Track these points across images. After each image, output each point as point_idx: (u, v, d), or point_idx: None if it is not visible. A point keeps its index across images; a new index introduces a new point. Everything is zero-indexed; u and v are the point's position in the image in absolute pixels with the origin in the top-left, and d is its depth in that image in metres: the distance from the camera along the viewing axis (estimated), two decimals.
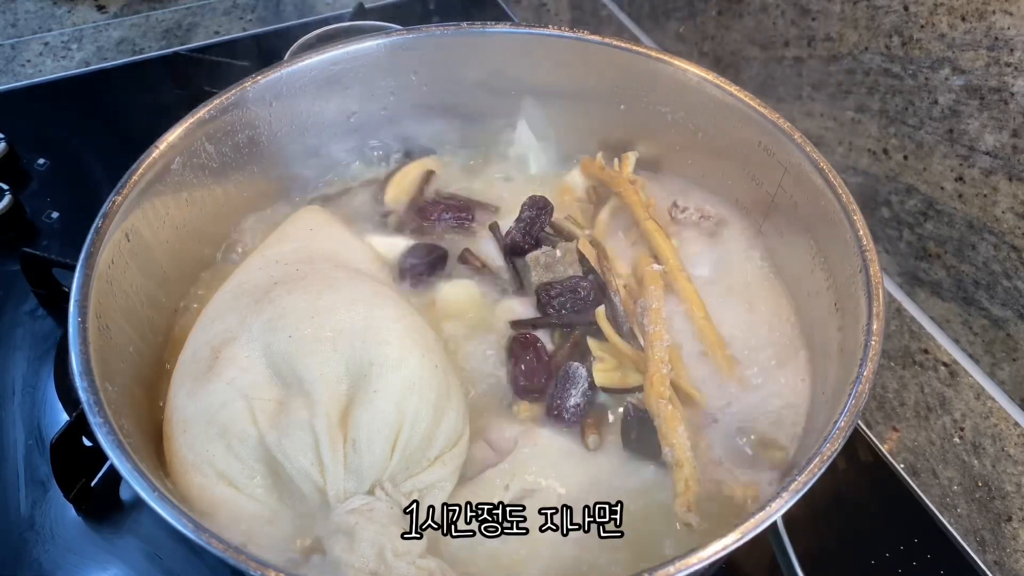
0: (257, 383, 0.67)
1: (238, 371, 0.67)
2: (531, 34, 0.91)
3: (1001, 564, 0.82)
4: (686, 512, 0.64)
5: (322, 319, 0.68)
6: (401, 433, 0.64)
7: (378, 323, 0.68)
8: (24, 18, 1.44)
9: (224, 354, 0.68)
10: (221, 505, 0.64)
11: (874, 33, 0.91)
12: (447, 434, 0.67)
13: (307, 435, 0.63)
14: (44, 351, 0.95)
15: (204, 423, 0.66)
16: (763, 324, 0.83)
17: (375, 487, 0.63)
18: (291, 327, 0.67)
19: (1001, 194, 0.83)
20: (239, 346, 0.68)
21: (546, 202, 0.87)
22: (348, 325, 0.68)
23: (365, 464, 0.63)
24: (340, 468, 0.63)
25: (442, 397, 0.67)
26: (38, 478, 0.83)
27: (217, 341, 0.70)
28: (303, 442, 0.63)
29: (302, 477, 0.63)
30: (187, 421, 0.66)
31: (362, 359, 0.66)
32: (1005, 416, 0.87)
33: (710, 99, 0.84)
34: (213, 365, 0.68)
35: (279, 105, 0.86)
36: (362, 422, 0.63)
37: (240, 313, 0.71)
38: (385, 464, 0.64)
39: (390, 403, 0.64)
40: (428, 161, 0.98)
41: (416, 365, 0.67)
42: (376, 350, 0.66)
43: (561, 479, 0.69)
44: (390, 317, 0.70)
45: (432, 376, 0.67)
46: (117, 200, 0.71)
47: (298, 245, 0.82)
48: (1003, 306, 0.86)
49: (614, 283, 0.80)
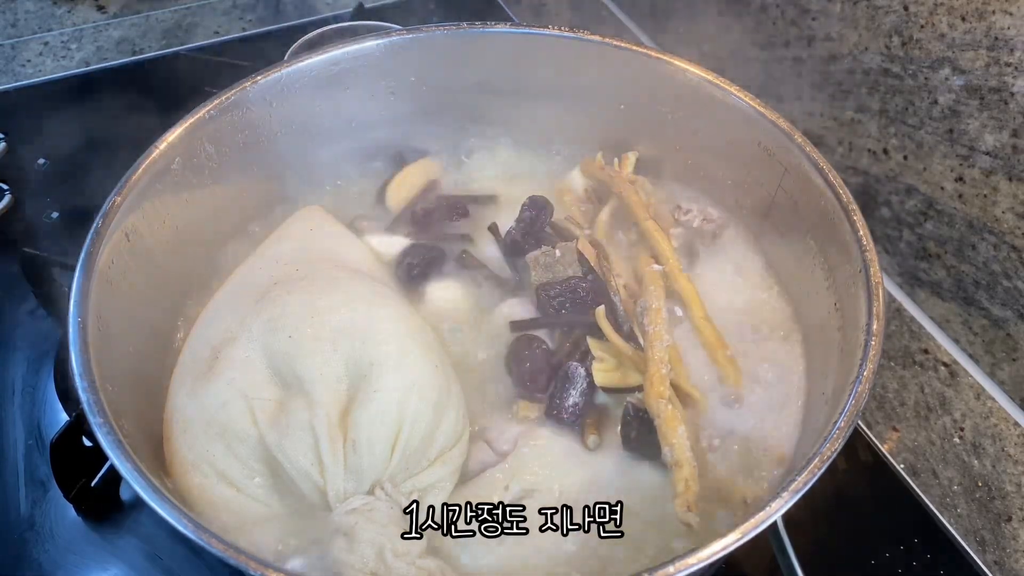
0: (257, 383, 0.67)
1: (238, 371, 0.67)
2: (531, 34, 0.91)
3: (1001, 564, 0.82)
4: (686, 512, 0.64)
5: (322, 319, 0.68)
6: (401, 433, 0.64)
7: (378, 323, 0.68)
8: (24, 18, 1.44)
9: (224, 354, 0.68)
10: (221, 505, 0.64)
11: (874, 33, 0.91)
12: (447, 434, 0.67)
13: (307, 435, 0.63)
14: (44, 351, 0.95)
15: (204, 423, 0.65)
16: (763, 324, 0.84)
17: (375, 487, 0.63)
18: (291, 327, 0.67)
19: (1001, 194, 0.83)
20: (239, 346, 0.68)
21: (546, 202, 0.87)
22: (348, 325, 0.68)
23: (365, 464, 0.63)
24: (340, 468, 0.63)
25: (442, 397, 0.67)
26: (38, 478, 0.83)
27: (217, 341, 0.70)
28: (303, 442, 0.63)
29: (302, 477, 0.63)
30: (187, 420, 0.66)
31: (362, 359, 0.66)
32: (1005, 416, 0.87)
33: (710, 99, 0.84)
34: (213, 365, 0.68)
35: (279, 105, 0.86)
36: (362, 422, 0.63)
37: (240, 313, 0.71)
38: (385, 464, 0.64)
39: (390, 403, 0.64)
40: (428, 162, 0.98)
41: (416, 365, 0.67)
42: (376, 350, 0.66)
43: (561, 479, 0.69)
44: (390, 317, 0.70)
45: (432, 376, 0.67)
46: (117, 200, 0.71)
47: (297, 245, 0.82)
48: (1003, 306, 0.86)
49: (614, 283, 0.80)
